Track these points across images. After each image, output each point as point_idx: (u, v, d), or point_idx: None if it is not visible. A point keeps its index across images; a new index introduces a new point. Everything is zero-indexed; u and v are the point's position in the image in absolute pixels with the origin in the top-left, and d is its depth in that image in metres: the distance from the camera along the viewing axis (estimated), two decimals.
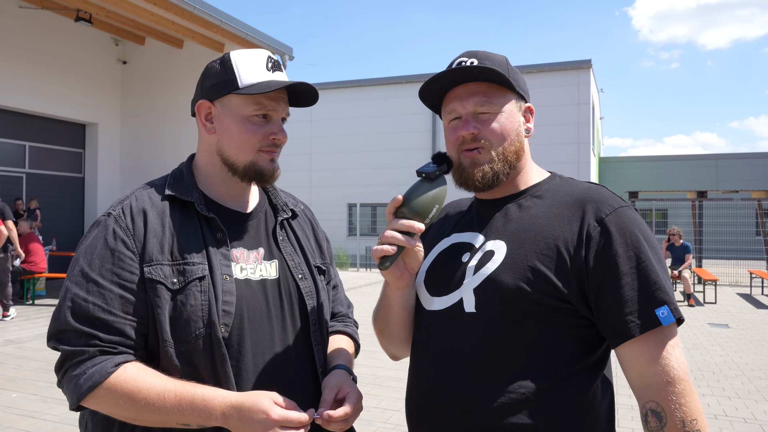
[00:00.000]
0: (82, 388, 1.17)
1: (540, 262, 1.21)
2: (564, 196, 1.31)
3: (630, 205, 1.26)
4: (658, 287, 1.16)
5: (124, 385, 1.16)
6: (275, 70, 1.34)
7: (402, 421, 4.54)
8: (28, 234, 10.03)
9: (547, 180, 1.39)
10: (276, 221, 1.45)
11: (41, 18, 11.68)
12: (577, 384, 1.21)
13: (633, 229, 1.21)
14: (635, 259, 1.18)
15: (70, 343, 1.20)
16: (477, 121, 1.31)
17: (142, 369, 1.19)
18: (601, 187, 1.31)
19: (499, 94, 1.31)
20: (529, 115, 1.39)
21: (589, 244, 1.20)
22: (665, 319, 1.14)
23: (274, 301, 1.35)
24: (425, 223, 1.25)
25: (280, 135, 1.34)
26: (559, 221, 1.25)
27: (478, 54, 1.33)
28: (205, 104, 1.35)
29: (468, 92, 1.31)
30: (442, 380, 1.25)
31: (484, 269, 1.26)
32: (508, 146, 1.31)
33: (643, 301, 1.16)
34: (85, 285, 1.22)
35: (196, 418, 1.15)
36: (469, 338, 1.24)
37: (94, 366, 1.17)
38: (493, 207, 1.37)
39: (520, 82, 1.35)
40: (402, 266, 1.31)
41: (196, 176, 1.40)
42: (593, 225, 1.22)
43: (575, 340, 1.22)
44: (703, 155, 26.87)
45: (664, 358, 1.14)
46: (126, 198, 1.34)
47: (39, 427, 4.32)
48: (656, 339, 1.15)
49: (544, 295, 1.19)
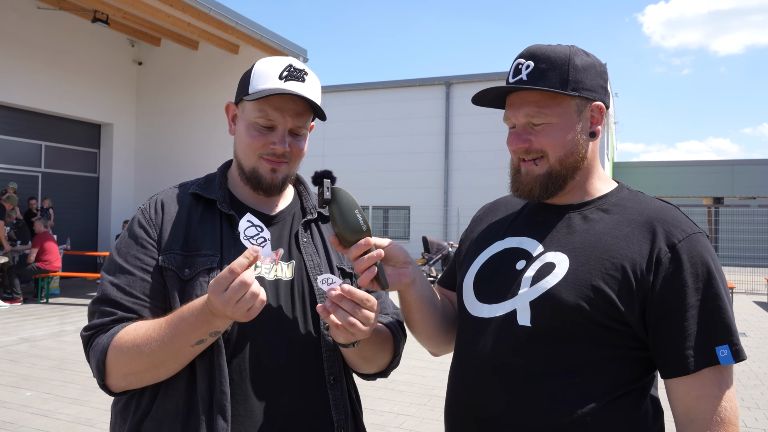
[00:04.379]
0: (97, 358, 1.22)
1: (604, 282, 1.16)
2: (634, 213, 1.24)
3: (703, 232, 1.20)
4: (723, 325, 1.12)
5: (125, 336, 1.21)
6: (289, 80, 1.30)
7: (414, 426, 4.49)
8: (44, 233, 10.11)
9: (614, 192, 1.31)
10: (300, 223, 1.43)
11: (58, 19, 11.79)
12: (628, 405, 1.16)
13: (705, 260, 1.15)
14: (703, 292, 1.13)
15: (89, 326, 1.27)
16: (529, 133, 1.25)
17: (139, 321, 1.24)
18: (675, 208, 1.24)
19: (553, 103, 1.23)
20: (597, 115, 1.28)
21: (658, 270, 1.15)
22: (724, 359, 1.10)
23: (286, 303, 1.32)
24: (365, 232, 1.22)
25: (279, 146, 1.31)
26: (628, 242, 1.19)
27: (537, 55, 1.24)
28: (231, 106, 1.41)
29: (521, 101, 1.25)
30: (488, 392, 1.21)
31: (543, 282, 1.20)
32: (565, 157, 1.25)
33: (704, 336, 1.11)
34: (113, 269, 1.30)
35: (193, 326, 1.15)
36: (520, 352, 1.19)
37: (105, 335, 1.24)
38: (553, 213, 1.30)
39: (585, 82, 1.24)
40: (393, 270, 1.27)
41: (229, 178, 1.44)
42: (664, 250, 1.16)
43: (629, 361, 1.18)
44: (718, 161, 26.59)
45: (717, 398, 1.10)
46: (158, 194, 1.42)
47: (52, 426, 4.32)
48: (712, 377, 1.11)
49: (604, 316, 1.14)
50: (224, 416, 1.20)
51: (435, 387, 5.57)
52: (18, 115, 11.73)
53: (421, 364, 6.05)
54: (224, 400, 1.21)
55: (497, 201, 1.49)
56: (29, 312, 9.02)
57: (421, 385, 5.64)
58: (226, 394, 1.21)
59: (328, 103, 23.23)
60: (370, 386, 5.08)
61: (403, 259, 1.27)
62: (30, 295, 10.52)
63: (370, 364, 1.40)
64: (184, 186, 1.43)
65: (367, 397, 5.04)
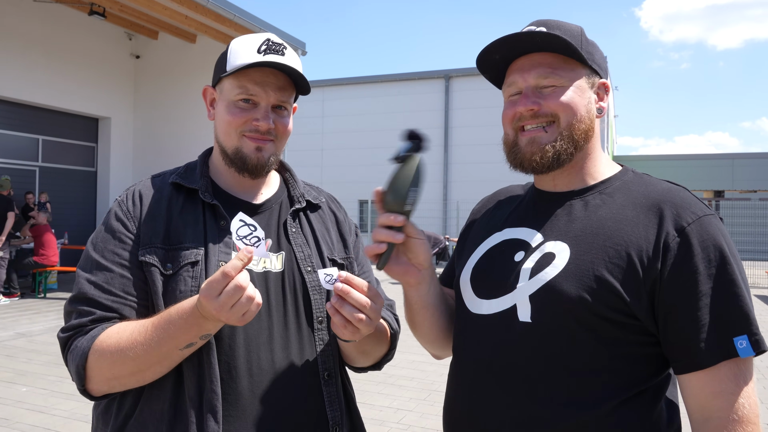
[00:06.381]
0: (77, 362, 1.15)
1: (608, 271, 1.07)
2: (639, 196, 1.15)
3: (715, 214, 1.11)
4: (740, 313, 1.04)
5: (108, 339, 1.14)
6: (268, 53, 1.25)
7: (414, 422, 4.46)
8: (44, 226, 10.08)
9: (618, 175, 1.23)
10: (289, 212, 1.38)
11: (55, 12, 11.70)
12: (641, 406, 1.09)
13: (718, 243, 1.06)
14: (717, 278, 1.04)
15: (66, 327, 1.20)
16: (538, 96, 1.16)
17: (122, 323, 1.17)
18: (683, 189, 1.16)
19: (567, 67, 1.16)
20: (603, 92, 1.22)
21: (666, 256, 1.06)
22: (743, 351, 1.02)
23: (276, 295, 1.27)
24: (405, 210, 1.16)
25: (263, 122, 1.26)
26: (633, 226, 1.10)
27: (549, 22, 1.19)
28: (208, 90, 1.36)
29: (531, 63, 1.17)
30: (489, 394, 1.14)
31: (543, 274, 1.12)
32: (577, 123, 1.16)
33: (720, 327, 1.03)
34: (89, 266, 1.23)
35: (183, 329, 1.09)
36: (522, 350, 1.11)
37: (84, 337, 1.17)
38: (554, 201, 1.22)
39: (595, 56, 1.20)
40: (405, 262, 1.21)
41: (210, 167, 1.38)
42: (672, 234, 1.07)
43: (639, 359, 1.09)
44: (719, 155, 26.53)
45: (735, 394, 1.02)
46: (134, 184, 1.35)
47: (48, 422, 4.28)
48: (729, 371, 1.02)
49: (609, 308, 1.06)
50: (215, 417, 1.15)
51: (435, 382, 5.53)
52: (15, 109, 11.66)
53: (420, 358, 6.01)
54: (215, 400, 1.15)
55: (496, 193, 1.42)
56: (27, 307, 8.99)
57: (421, 380, 5.60)
58: (217, 394, 1.16)
59: (326, 96, 23.17)
60: (369, 381, 5.04)
61: (422, 261, 1.21)
62: (28, 290, 10.49)
63: (368, 358, 1.35)
64: (163, 175, 1.36)
65: (367, 392, 5.01)
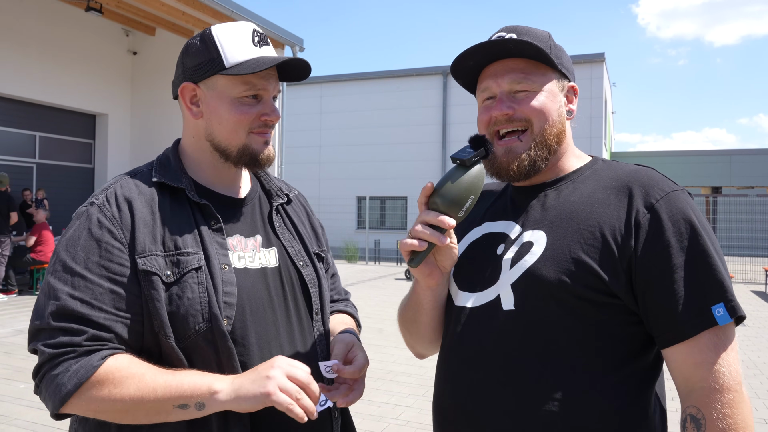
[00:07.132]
0: (66, 387, 1.04)
1: (584, 252, 1.10)
2: (608, 179, 1.20)
3: (683, 189, 1.15)
4: (715, 281, 1.05)
5: (117, 374, 1.05)
6: (262, 45, 1.25)
7: (413, 418, 4.46)
8: (43, 223, 10.06)
9: (588, 165, 1.28)
10: (271, 207, 1.38)
11: (52, 8, 11.64)
12: (627, 390, 1.10)
13: (688, 216, 1.09)
14: (689, 250, 1.07)
15: (54, 344, 1.07)
16: (512, 101, 1.21)
17: (134, 359, 1.09)
18: (650, 169, 1.20)
19: (538, 72, 1.21)
20: (572, 95, 1.28)
21: (638, 233, 1.09)
22: (722, 318, 1.03)
23: (276, 291, 1.28)
24: (458, 216, 1.13)
25: (273, 115, 1.26)
26: (604, 207, 1.14)
27: (518, 29, 1.23)
28: (189, 87, 1.26)
29: (504, 69, 1.21)
30: (477, 385, 1.15)
31: (522, 262, 1.15)
32: (548, 128, 1.21)
33: (697, 297, 1.05)
34: (70, 280, 1.10)
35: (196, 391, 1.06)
36: (507, 338, 1.13)
37: (79, 362, 1.06)
38: (529, 194, 1.26)
39: (563, 60, 1.26)
40: (432, 263, 1.20)
41: (184, 162, 1.31)
42: (642, 211, 1.11)
43: (624, 339, 1.11)
44: (716, 151, 26.51)
45: (715, 363, 1.03)
46: (109, 186, 1.23)
47: (46, 419, 4.27)
48: (709, 340, 1.04)
49: (589, 289, 1.08)
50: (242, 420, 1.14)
51: (433, 378, 5.52)
52: (12, 106, 11.61)
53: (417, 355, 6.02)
54: None
55: None
56: (24, 304, 8.97)
57: (419, 376, 5.61)
58: None
59: (324, 93, 23.12)
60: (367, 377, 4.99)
61: (448, 265, 1.21)
62: (25, 287, 10.47)
63: None
64: (140, 174, 1.27)
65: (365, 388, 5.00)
